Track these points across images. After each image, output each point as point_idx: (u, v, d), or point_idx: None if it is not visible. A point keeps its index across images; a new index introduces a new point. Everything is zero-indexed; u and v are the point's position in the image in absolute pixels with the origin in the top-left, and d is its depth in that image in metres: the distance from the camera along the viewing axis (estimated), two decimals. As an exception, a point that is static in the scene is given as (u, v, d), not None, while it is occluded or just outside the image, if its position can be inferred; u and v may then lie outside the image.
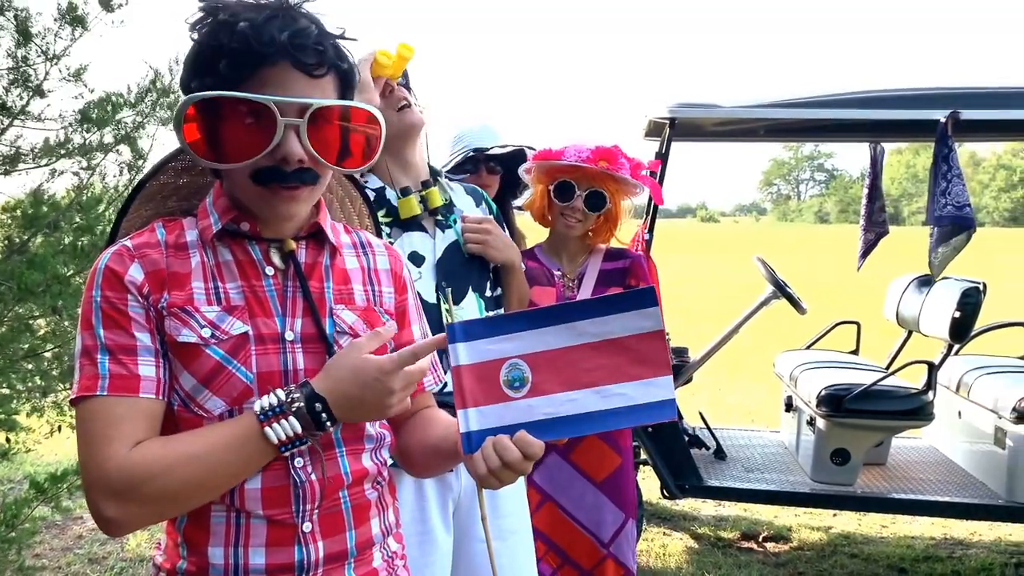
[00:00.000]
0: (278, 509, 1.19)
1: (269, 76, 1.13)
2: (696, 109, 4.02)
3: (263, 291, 1.22)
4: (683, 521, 4.58)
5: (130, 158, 3.15)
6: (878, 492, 3.98)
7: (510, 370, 1.18)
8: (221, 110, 1.12)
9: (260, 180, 1.16)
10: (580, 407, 1.17)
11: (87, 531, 4.28)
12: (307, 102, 1.14)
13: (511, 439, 1.15)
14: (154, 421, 1.15)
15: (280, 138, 1.13)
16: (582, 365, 1.18)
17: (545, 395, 1.18)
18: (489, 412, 1.18)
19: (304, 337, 1.23)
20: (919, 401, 3.89)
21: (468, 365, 1.19)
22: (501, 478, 1.16)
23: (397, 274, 1.40)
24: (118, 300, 1.15)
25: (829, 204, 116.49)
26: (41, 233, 2.90)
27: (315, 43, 1.15)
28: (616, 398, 1.17)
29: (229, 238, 1.24)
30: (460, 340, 1.19)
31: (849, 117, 3.99)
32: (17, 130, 3.05)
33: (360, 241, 1.39)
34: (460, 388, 1.18)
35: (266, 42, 1.11)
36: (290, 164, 1.15)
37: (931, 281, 4.53)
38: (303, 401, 1.13)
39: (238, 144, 1.13)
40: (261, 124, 1.12)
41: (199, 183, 1.41)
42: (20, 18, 2.93)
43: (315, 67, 1.15)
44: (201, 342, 1.16)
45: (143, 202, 1.38)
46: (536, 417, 1.18)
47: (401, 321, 1.40)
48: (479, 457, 1.17)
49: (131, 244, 1.20)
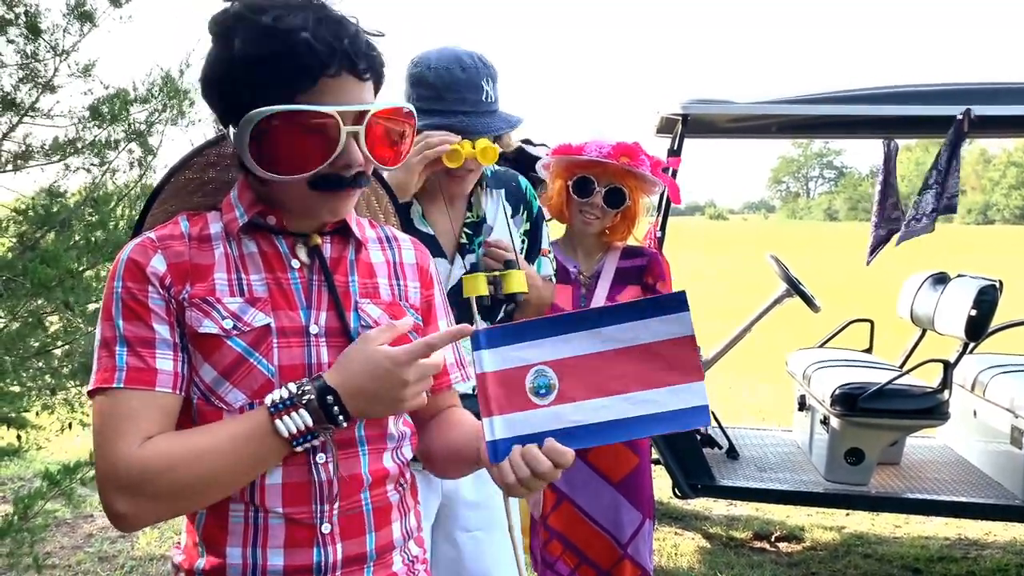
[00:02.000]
0: (297, 507, 1.17)
1: (329, 85, 1.11)
2: (709, 105, 4.00)
3: (288, 283, 1.21)
4: (695, 521, 4.55)
5: (141, 155, 3.14)
6: (892, 492, 3.95)
7: (536, 377, 1.16)
8: (283, 123, 1.11)
9: (319, 187, 1.16)
10: (609, 414, 1.14)
11: (97, 529, 4.27)
12: (364, 108, 1.14)
13: (540, 448, 1.12)
14: (169, 416, 1.14)
15: (343, 147, 1.13)
16: (610, 371, 1.15)
17: (573, 402, 1.15)
18: (515, 420, 1.16)
19: (329, 331, 1.21)
20: (934, 400, 3.86)
21: (493, 372, 1.16)
22: (529, 487, 1.14)
23: (423, 268, 1.39)
24: (139, 292, 1.14)
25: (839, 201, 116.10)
26: (53, 230, 2.90)
27: (367, 50, 1.15)
28: (647, 404, 1.14)
29: (255, 231, 1.23)
30: (484, 347, 1.16)
31: (863, 113, 3.96)
32: (27, 127, 3.05)
33: (386, 235, 1.38)
34: (485, 395, 1.16)
35: (327, 52, 1.09)
36: (352, 170, 1.15)
37: (946, 279, 4.49)
38: (314, 394, 1.11)
39: (301, 155, 1.13)
40: (325, 134, 1.12)
41: (225, 178, 1.40)
42: (30, 14, 2.93)
43: (367, 71, 1.15)
44: (222, 333, 1.15)
45: (168, 197, 1.38)
46: (564, 425, 1.15)
47: (427, 316, 1.38)
48: (507, 467, 1.14)
49: (155, 236, 1.19)
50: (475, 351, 1.16)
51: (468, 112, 1.90)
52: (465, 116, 1.89)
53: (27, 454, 3.24)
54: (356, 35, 1.13)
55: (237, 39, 1.11)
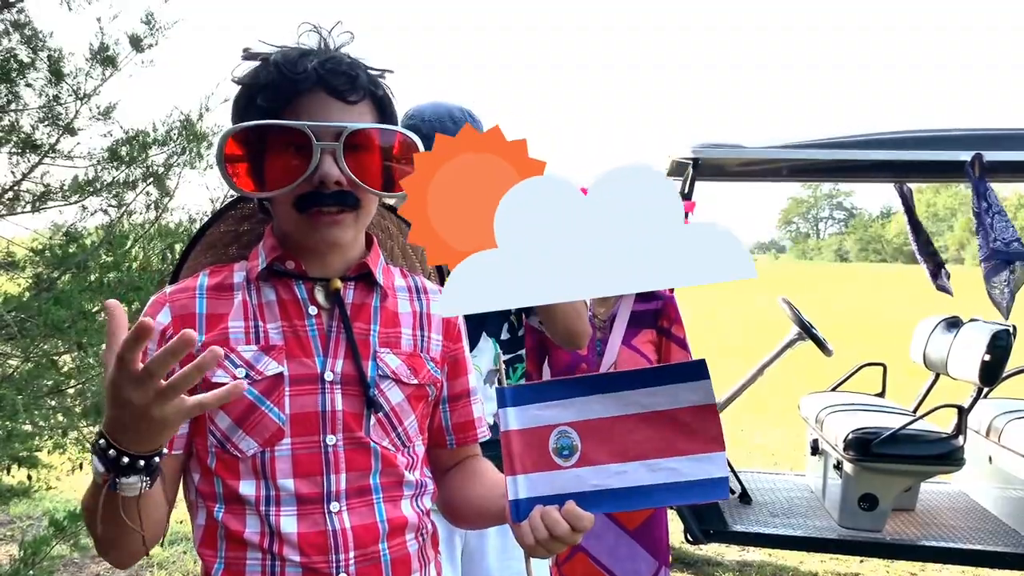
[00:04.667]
0: (314, 557, 1.17)
1: (305, 104, 1.16)
2: (720, 150, 4.02)
3: (304, 330, 1.22)
4: (707, 567, 4.49)
5: (158, 196, 3.18)
6: (907, 539, 3.90)
7: (559, 437, 1.15)
8: (259, 141, 1.15)
9: (301, 207, 1.17)
10: (629, 480, 1.14)
11: (104, 570, 4.25)
12: (341, 125, 1.15)
13: (560, 511, 1.12)
14: (163, 474, 1.13)
15: (317, 162, 1.14)
16: (632, 436, 1.14)
17: (594, 465, 1.14)
18: (538, 480, 1.15)
19: (344, 378, 1.21)
20: (949, 446, 3.82)
21: (517, 430, 1.16)
22: (550, 549, 1.13)
23: (451, 322, 1.38)
24: None
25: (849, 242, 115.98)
26: (70, 271, 2.92)
27: (347, 70, 1.17)
28: (666, 472, 1.13)
29: (275, 278, 1.24)
30: (510, 404, 1.16)
31: (872, 158, 3.97)
32: (45, 167, 3.09)
33: (416, 286, 1.37)
34: (509, 454, 1.15)
35: (299, 71, 1.14)
36: (328, 187, 1.16)
37: (959, 323, 4.47)
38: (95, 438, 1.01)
39: (277, 172, 1.15)
40: (299, 151, 1.14)
41: (260, 231, 1.41)
42: (53, 58, 2.99)
43: (349, 92, 1.17)
44: (234, 382, 1.15)
45: (203, 250, 1.39)
46: (584, 488, 1.14)
47: (455, 369, 1.38)
48: (527, 528, 1.13)
49: (168, 290, 1.22)
50: (500, 408, 1.16)
51: None
52: None
53: (36, 494, 3.23)
54: (335, 58, 1.18)
55: (244, 81, 1.20)
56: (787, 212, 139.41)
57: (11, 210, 2.98)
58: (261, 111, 1.16)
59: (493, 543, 2.05)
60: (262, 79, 1.17)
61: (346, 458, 1.19)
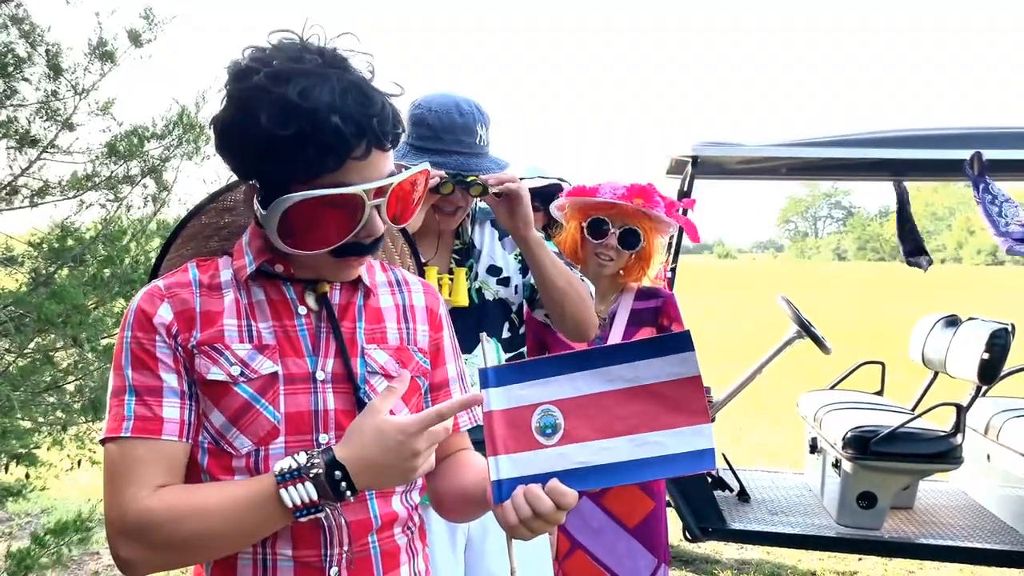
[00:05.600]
0: (306, 551, 1.17)
1: (357, 164, 1.12)
2: (719, 147, 4.02)
3: (295, 331, 1.22)
4: (705, 564, 4.49)
5: (155, 191, 3.17)
6: (905, 537, 3.90)
7: (542, 416, 1.14)
8: (310, 202, 1.11)
9: (340, 254, 1.18)
10: (614, 456, 1.12)
11: (103, 567, 4.24)
12: (387, 183, 1.15)
13: (543, 488, 1.11)
14: (175, 463, 1.15)
15: (367, 219, 1.15)
16: (616, 412, 1.13)
17: (578, 442, 1.13)
18: (521, 460, 1.14)
19: (335, 377, 1.21)
20: (947, 444, 3.82)
21: (500, 411, 1.15)
22: (532, 528, 1.12)
23: (433, 311, 1.39)
24: (147, 341, 1.16)
25: (847, 241, 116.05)
26: (67, 266, 2.91)
27: (393, 125, 1.15)
28: (652, 447, 1.12)
29: (263, 278, 1.24)
30: (492, 385, 1.16)
31: (871, 156, 3.97)
32: (43, 162, 3.08)
33: (396, 279, 1.38)
34: (491, 434, 1.14)
35: (356, 133, 1.08)
36: (372, 239, 1.18)
37: (958, 322, 4.47)
38: (323, 468, 1.08)
39: (326, 231, 1.14)
40: (349, 209, 1.13)
41: (241, 223, 1.41)
42: (51, 53, 2.98)
43: (392, 142, 1.16)
44: (230, 380, 1.16)
45: (185, 242, 1.39)
46: (569, 466, 1.13)
47: (436, 359, 1.38)
48: (509, 507, 1.12)
49: (163, 284, 1.21)
50: (483, 388, 1.15)
51: (463, 153, 2.03)
52: (460, 156, 2.02)
53: (32, 493, 3.22)
54: (382, 109, 1.12)
55: (262, 114, 1.07)
56: (785, 211, 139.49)
57: (9, 204, 2.98)
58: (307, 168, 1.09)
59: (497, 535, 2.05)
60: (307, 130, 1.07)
61: None
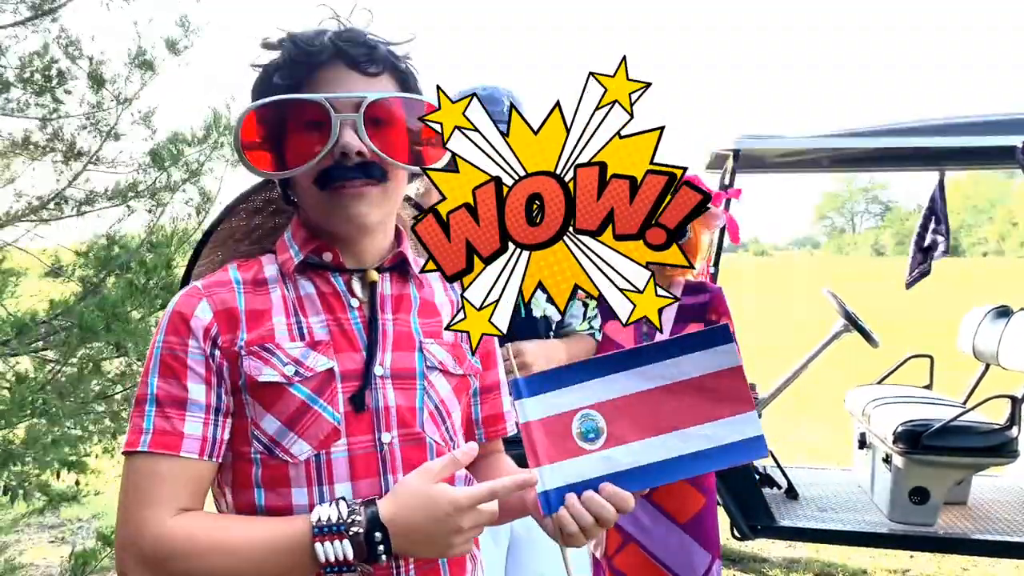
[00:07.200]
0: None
1: (323, 79, 1.12)
2: (761, 140, 3.98)
3: (349, 324, 1.17)
4: (753, 563, 4.43)
5: (198, 198, 3.19)
6: (959, 533, 3.81)
7: (583, 421, 1.12)
8: (277, 119, 1.11)
9: (323, 183, 1.13)
10: (663, 453, 1.11)
11: None
12: (360, 96, 1.11)
13: (602, 494, 1.08)
14: (197, 484, 1.09)
15: (336, 133, 1.10)
16: (659, 409, 1.11)
17: (623, 444, 1.11)
18: (565, 468, 1.11)
19: (395, 372, 1.17)
20: (1002, 437, 3.73)
21: (537, 420, 1.12)
22: (590, 536, 1.10)
23: None
24: (179, 347, 1.10)
25: (885, 236, 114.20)
26: (114, 273, 2.94)
27: (365, 40, 1.14)
28: (699, 440, 1.10)
29: (311, 270, 1.20)
30: (525, 395, 1.13)
31: (917, 145, 3.90)
32: (88, 173, 3.12)
33: None
34: (531, 445, 1.11)
35: (315, 44, 1.11)
36: (350, 158, 1.11)
37: (1009, 312, 4.37)
38: (363, 527, 1.02)
39: (297, 149, 1.12)
40: (318, 125, 1.10)
41: (271, 224, 1.38)
42: (93, 64, 3.01)
43: (368, 63, 1.13)
44: (284, 380, 1.10)
45: (214, 247, 1.35)
46: (616, 468, 1.11)
47: (486, 361, 1.36)
48: (566, 516, 1.09)
49: (201, 284, 1.16)
50: (516, 400, 1.13)
51: None
52: None
53: (85, 499, 3.27)
54: (353, 30, 1.14)
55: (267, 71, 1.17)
56: (821, 207, 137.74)
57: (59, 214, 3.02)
58: (278, 89, 1.12)
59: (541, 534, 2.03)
60: (279, 58, 1.14)
61: (403, 456, 1.14)
